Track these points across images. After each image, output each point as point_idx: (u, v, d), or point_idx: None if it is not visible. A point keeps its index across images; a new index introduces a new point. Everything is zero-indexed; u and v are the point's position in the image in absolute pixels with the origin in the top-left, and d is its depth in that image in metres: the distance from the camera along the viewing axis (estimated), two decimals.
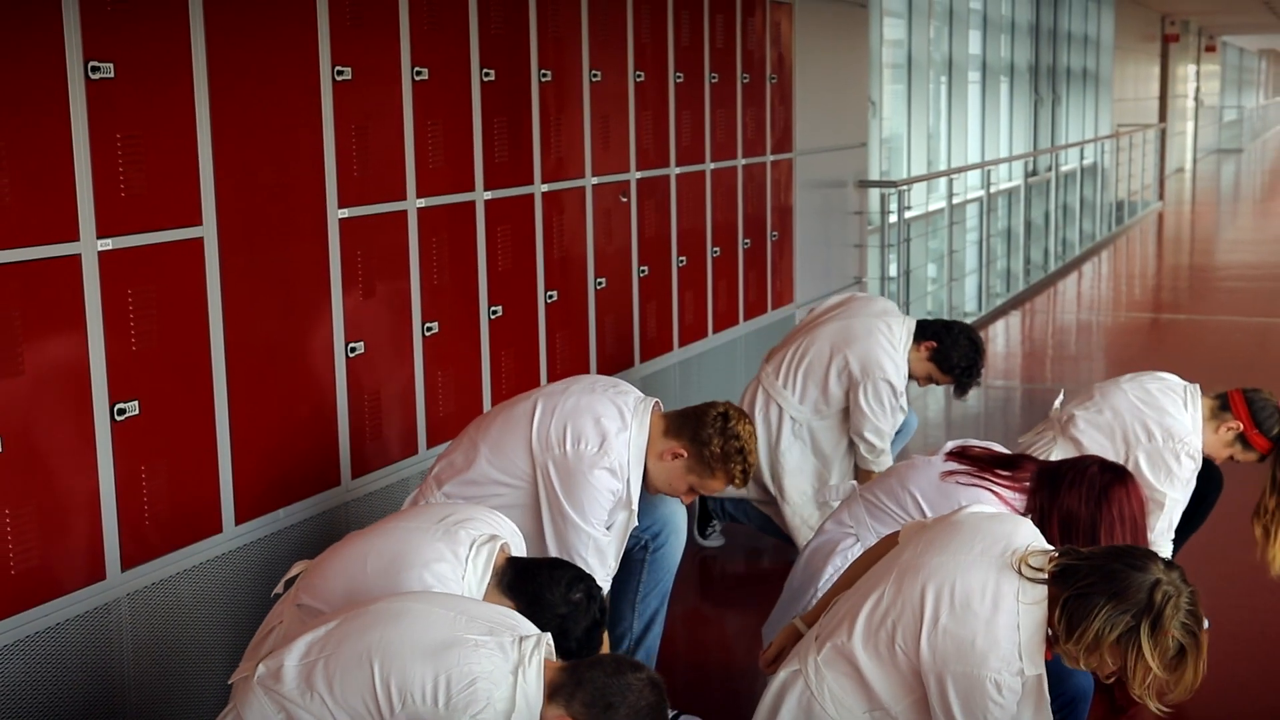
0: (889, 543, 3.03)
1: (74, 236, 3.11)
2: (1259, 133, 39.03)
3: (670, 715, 3.70)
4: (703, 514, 5.17)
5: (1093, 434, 3.95)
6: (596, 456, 3.33)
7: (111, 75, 3.15)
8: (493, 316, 4.59)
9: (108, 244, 3.17)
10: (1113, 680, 2.68)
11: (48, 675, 3.10)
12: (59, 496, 3.11)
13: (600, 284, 5.26)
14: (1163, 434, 3.91)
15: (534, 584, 2.78)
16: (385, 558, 2.78)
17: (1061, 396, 4.24)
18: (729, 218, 6.27)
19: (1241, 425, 4.02)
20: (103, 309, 3.17)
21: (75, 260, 3.11)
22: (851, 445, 4.83)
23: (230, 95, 3.47)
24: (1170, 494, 3.80)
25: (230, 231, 3.50)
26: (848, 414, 4.81)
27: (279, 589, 2.97)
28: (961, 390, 4.88)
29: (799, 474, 4.84)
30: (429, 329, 4.28)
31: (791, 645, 2.99)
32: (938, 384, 4.91)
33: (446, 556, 2.75)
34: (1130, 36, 18.94)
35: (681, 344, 5.93)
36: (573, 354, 5.11)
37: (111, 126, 3.16)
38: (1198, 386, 4.09)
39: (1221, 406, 4.06)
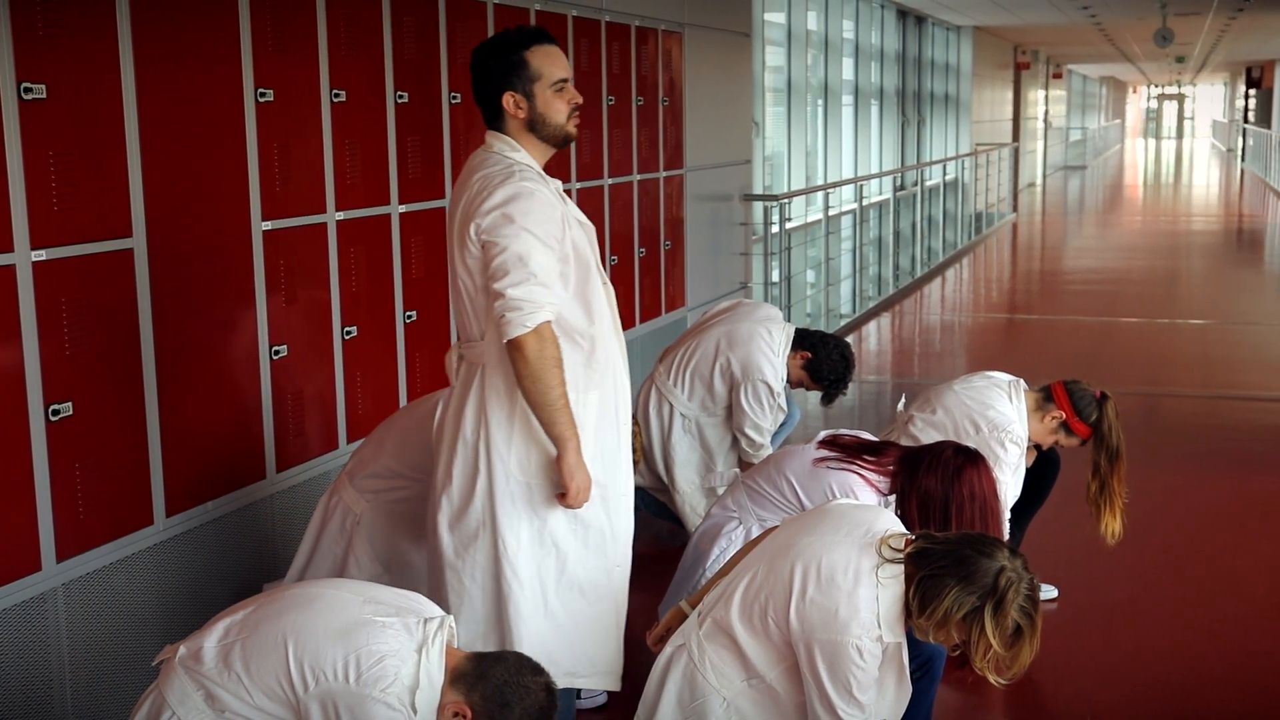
0: (766, 535, 3.07)
1: (9, 248, 3.03)
2: (1100, 151, 40.00)
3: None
4: None
5: (930, 432, 4.02)
6: None
7: (44, 96, 3.08)
8: (408, 320, 4.56)
9: (41, 255, 3.10)
10: (958, 653, 2.75)
11: None
12: None
13: None
14: (988, 425, 3.98)
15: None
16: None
17: (904, 399, 4.31)
18: (626, 228, 6.29)
19: (1064, 414, 4.12)
20: (37, 316, 3.10)
21: (10, 270, 3.04)
22: (736, 440, 4.88)
23: (159, 115, 3.41)
24: (1000, 478, 3.83)
25: (159, 242, 3.44)
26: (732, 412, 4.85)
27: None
28: (828, 399, 4.93)
29: (688, 465, 4.88)
30: (348, 333, 4.24)
31: (677, 624, 3.03)
32: (808, 390, 4.96)
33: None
34: (987, 64, 19.33)
35: None
36: None
37: (44, 144, 3.09)
38: (1021, 380, 4.19)
39: (1045, 398, 4.15)
